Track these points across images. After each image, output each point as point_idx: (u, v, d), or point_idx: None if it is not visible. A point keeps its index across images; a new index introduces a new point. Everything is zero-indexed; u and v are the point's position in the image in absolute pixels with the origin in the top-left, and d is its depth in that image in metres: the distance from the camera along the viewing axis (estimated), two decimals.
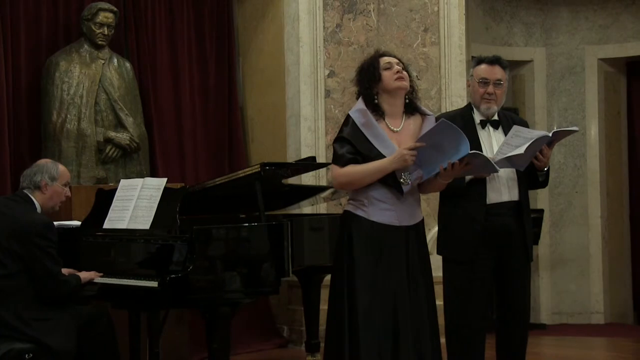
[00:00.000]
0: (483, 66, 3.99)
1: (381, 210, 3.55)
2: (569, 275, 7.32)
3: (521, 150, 3.72)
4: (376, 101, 3.58)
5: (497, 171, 3.64)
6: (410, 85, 3.64)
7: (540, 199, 7.19)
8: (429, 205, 5.98)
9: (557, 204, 7.33)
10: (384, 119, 3.59)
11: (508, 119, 4.03)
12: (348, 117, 3.60)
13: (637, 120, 7.51)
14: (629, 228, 7.49)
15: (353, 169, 3.51)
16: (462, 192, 3.85)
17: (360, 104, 3.60)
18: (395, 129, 3.59)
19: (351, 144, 3.54)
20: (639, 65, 7.42)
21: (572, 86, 7.39)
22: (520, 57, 7.36)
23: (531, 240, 4.05)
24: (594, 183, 7.31)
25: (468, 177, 3.82)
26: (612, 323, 7.25)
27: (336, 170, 3.57)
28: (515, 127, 3.79)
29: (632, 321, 7.43)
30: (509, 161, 3.78)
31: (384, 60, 3.60)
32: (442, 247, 4.06)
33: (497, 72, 3.97)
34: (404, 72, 3.59)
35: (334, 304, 3.59)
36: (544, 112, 7.37)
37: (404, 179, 3.52)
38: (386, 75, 3.56)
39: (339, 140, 3.59)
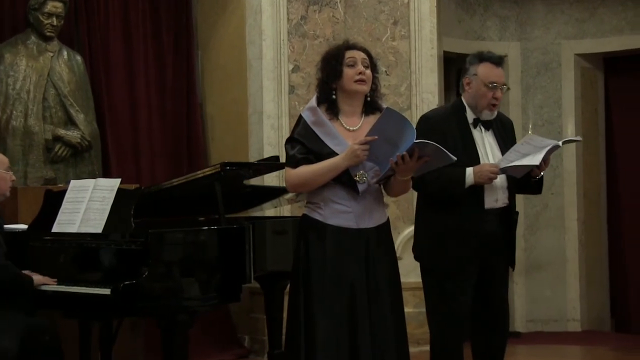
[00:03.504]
0: (489, 67, 3.94)
1: (338, 213, 3.55)
2: (544, 281, 7.38)
3: (535, 160, 3.73)
4: (334, 97, 3.58)
5: (453, 160, 3.51)
6: (374, 83, 3.62)
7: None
8: (398, 208, 6.00)
9: (532, 206, 7.39)
10: (338, 118, 3.59)
11: (497, 122, 4.04)
12: (300, 117, 3.61)
13: (615, 118, 7.60)
14: (606, 231, 7.57)
15: (305, 169, 3.52)
16: (458, 198, 3.84)
17: (312, 102, 3.61)
18: (351, 128, 3.58)
19: (302, 144, 3.54)
20: (617, 61, 7.50)
21: (548, 82, 7.46)
22: (494, 51, 7.38)
23: (514, 245, 4.08)
24: (571, 184, 7.38)
25: (468, 183, 3.81)
26: (589, 330, 7.32)
27: (288, 172, 3.58)
28: (528, 135, 3.81)
29: (610, 328, 7.51)
30: (512, 169, 3.79)
31: (349, 54, 3.58)
32: (426, 257, 4.04)
33: (503, 75, 3.97)
34: (367, 72, 3.56)
35: (291, 315, 3.60)
36: (518, 110, 7.42)
37: (359, 177, 3.51)
38: (348, 73, 3.55)
39: (289, 141, 3.60)
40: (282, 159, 5.57)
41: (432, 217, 3.99)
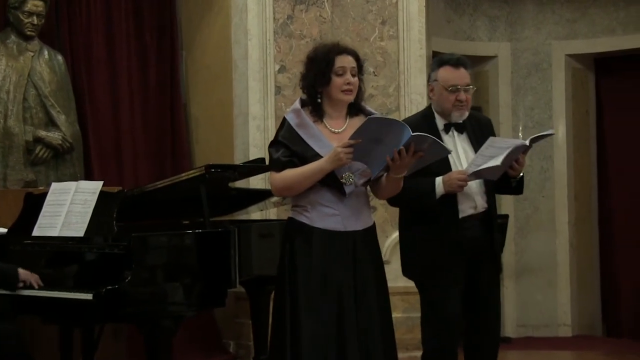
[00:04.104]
0: (448, 70, 3.95)
1: (325, 215, 3.57)
2: (535, 285, 7.40)
3: (497, 161, 3.74)
4: (319, 100, 3.61)
5: (449, 152, 3.63)
6: (358, 86, 3.65)
7: (504, 204, 7.27)
8: (386, 211, 6.00)
9: (522, 209, 7.41)
10: (322, 121, 3.62)
11: (472, 121, 4.03)
12: (284, 119, 3.64)
13: (606, 120, 7.63)
14: (597, 234, 7.59)
15: (289, 173, 3.54)
16: (433, 209, 3.86)
17: (296, 104, 3.65)
18: (336, 130, 3.61)
19: (286, 147, 3.57)
20: (609, 61, 7.53)
21: (538, 83, 7.48)
22: (483, 52, 7.43)
23: (499, 249, 4.11)
24: (562, 186, 7.41)
25: (439, 193, 3.83)
26: (580, 335, 7.35)
27: (273, 175, 3.61)
28: (491, 138, 3.82)
29: (601, 333, 7.53)
30: (482, 173, 3.81)
31: (339, 62, 3.59)
32: (410, 270, 4.06)
33: (465, 76, 3.96)
34: (355, 81, 3.60)
35: (276, 320, 3.61)
36: (508, 111, 7.44)
37: (345, 179, 3.54)
38: (336, 82, 3.58)
39: (273, 144, 3.63)
40: (268, 162, 5.61)
41: (412, 229, 4.02)
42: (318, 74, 3.59)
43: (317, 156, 3.53)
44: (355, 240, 3.60)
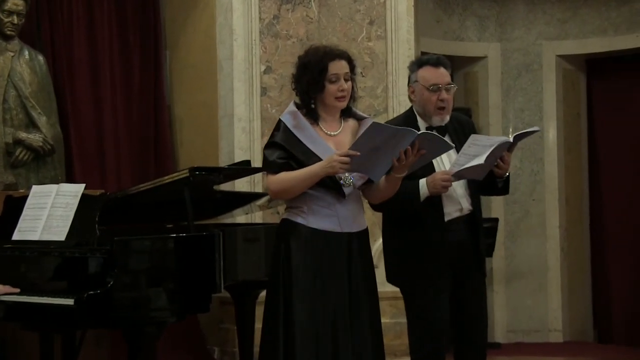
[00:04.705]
0: (428, 70, 3.96)
1: (322, 217, 3.61)
2: (525, 290, 7.43)
3: (481, 160, 3.76)
4: (313, 106, 3.65)
5: (452, 147, 3.69)
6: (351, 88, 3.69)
7: (494, 207, 7.30)
8: (374, 214, 6.01)
9: (512, 212, 7.44)
10: (317, 124, 3.66)
11: (454, 123, 4.05)
12: (279, 121, 3.67)
13: (597, 122, 7.66)
14: (589, 238, 7.63)
15: (286, 176, 3.58)
16: (417, 212, 3.87)
17: (291, 106, 3.68)
18: (332, 133, 3.67)
19: (284, 149, 3.60)
20: (600, 62, 7.57)
21: (528, 85, 7.51)
22: (473, 52, 7.46)
23: (484, 253, 4.13)
24: (552, 190, 7.44)
25: (423, 195, 3.85)
26: (571, 341, 7.38)
27: (269, 178, 3.64)
28: (473, 136, 3.83)
29: (593, 339, 7.57)
30: (466, 173, 3.83)
31: (333, 68, 3.61)
32: (396, 276, 4.07)
33: (445, 75, 3.98)
34: (348, 86, 3.63)
35: (269, 318, 3.64)
36: (498, 113, 7.46)
37: (344, 180, 3.58)
38: (330, 89, 3.61)
39: (270, 146, 3.65)
40: (254, 164, 5.61)
41: (396, 234, 4.03)
42: (311, 81, 3.62)
43: (315, 157, 3.57)
44: (350, 241, 3.64)
